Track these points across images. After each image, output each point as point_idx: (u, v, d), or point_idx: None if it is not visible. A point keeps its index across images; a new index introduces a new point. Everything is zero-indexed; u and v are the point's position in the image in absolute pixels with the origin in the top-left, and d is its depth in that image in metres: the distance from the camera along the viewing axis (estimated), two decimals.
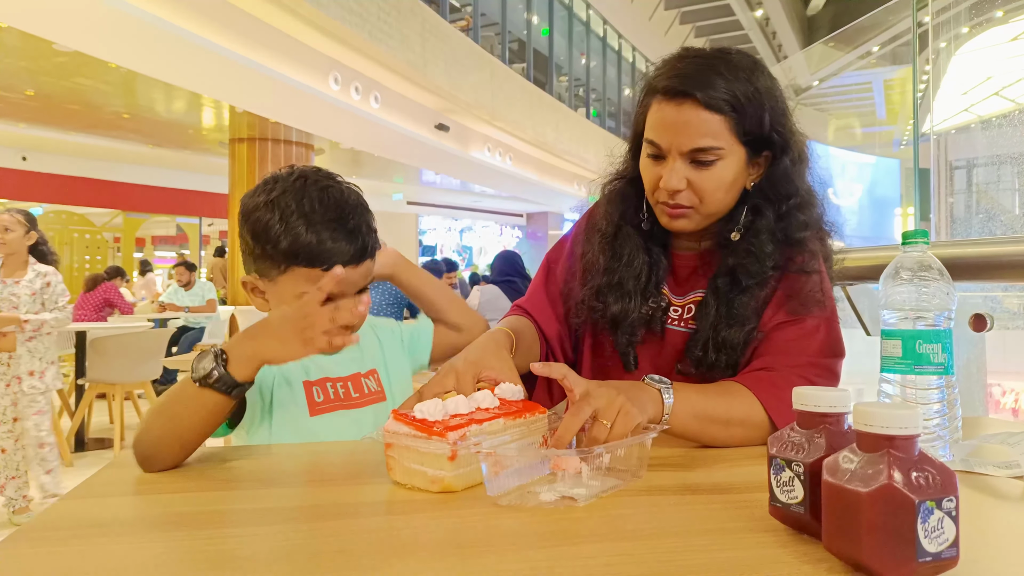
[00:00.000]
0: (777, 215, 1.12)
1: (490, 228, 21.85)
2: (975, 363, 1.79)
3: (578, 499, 0.74)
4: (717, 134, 1.04)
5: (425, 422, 0.79)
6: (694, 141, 1.04)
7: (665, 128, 1.07)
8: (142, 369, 4.91)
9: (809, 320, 1.09)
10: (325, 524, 0.68)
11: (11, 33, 6.39)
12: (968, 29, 10.10)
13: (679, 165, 1.07)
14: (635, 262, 1.19)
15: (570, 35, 18.03)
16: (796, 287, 1.10)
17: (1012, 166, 11.05)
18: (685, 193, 1.08)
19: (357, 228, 1.10)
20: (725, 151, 1.05)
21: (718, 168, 1.06)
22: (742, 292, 1.10)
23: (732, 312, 1.10)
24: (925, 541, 0.51)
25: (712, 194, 1.08)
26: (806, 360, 1.07)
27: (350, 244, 1.08)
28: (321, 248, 1.06)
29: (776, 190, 1.11)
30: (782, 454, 0.64)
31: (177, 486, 0.84)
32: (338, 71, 9.67)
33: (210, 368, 0.89)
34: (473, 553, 0.61)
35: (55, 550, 0.62)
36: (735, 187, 1.10)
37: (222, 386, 0.89)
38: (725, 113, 1.04)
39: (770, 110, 1.07)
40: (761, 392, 1.03)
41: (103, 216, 15.36)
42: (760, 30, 22.77)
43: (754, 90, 1.05)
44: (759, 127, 1.06)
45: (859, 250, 2.05)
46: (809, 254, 1.12)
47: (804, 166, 1.14)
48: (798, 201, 1.12)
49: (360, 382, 1.23)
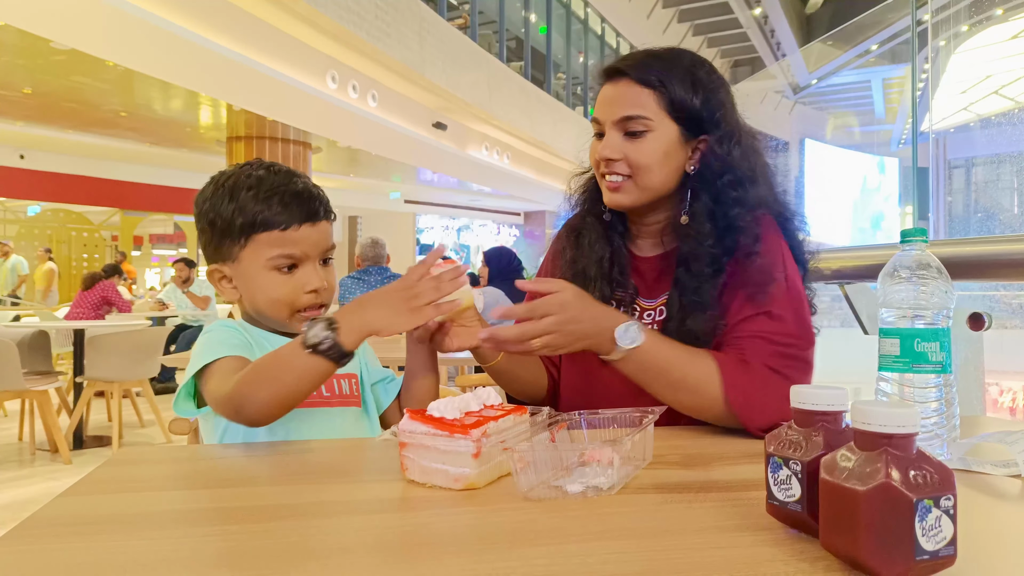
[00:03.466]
0: (714, 197, 1.16)
1: (487, 227, 21.85)
2: (973, 362, 1.79)
3: (604, 487, 0.75)
4: (645, 105, 1.14)
5: (444, 420, 0.79)
6: (624, 110, 1.15)
7: (602, 104, 1.18)
8: (140, 367, 4.91)
9: (775, 309, 1.10)
10: (333, 521, 0.68)
11: (8, 31, 6.37)
12: (967, 27, 10.11)
13: (612, 135, 1.16)
14: (596, 248, 1.25)
15: (568, 33, 18.02)
16: (747, 271, 1.12)
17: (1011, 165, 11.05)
18: (620, 163, 1.16)
19: (306, 189, 1.14)
20: (654, 122, 1.14)
21: (649, 140, 1.14)
22: (697, 278, 1.14)
23: (692, 300, 1.13)
24: (923, 539, 0.51)
25: (645, 165, 1.15)
26: (776, 351, 1.08)
27: (301, 204, 1.12)
28: (273, 211, 1.10)
29: (712, 171, 1.16)
30: (779, 452, 0.64)
31: (176, 483, 0.84)
32: (335, 69, 9.66)
33: (323, 336, 0.93)
34: (466, 550, 0.61)
35: (53, 547, 0.62)
36: (669, 163, 1.16)
37: (333, 354, 0.94)
38: (654, 87, 1.14)
39: (705, 94, 1.15)
40: (727, 371, 1.05)
41: (101, 214, 15.35)
42: (758, 28, 22.78)
43: (687, 73, 1.15)
44: (688, 105, 1.14)
45: (857, 249, 2.04)
46: (752, 237, 1.13)
47: (746, 152, 1.18)
48: (732, 180, 1.15)
49: (334, 383, 1.20)
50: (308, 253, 1.13)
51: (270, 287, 1.12)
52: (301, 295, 1.13)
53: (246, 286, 1.15)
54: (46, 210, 14.43)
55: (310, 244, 1.13)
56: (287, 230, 1.11)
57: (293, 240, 1.11)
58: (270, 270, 1.12)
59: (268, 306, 1.14)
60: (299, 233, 1.12)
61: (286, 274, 1.12)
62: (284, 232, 1.10)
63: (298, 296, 1.13)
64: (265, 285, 1.13)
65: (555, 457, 0.80)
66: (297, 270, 1.13)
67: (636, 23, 20.59)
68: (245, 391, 0.96)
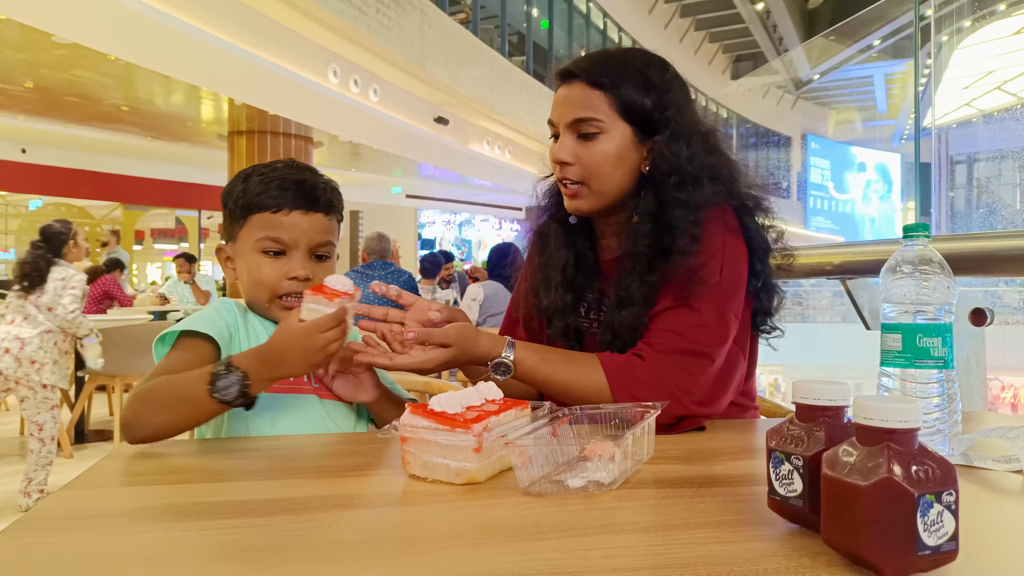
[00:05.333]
0: (659, 198, 1.14)
1: (489, 222, 21.83)
2: (975, 357, 1.79)
3: (605, 482, 0.75)
4: (597, 107, 1.14)
5: (445, 415, 0.79)
6: (576, 112, 1.15)
7: (556, 106, 1.19)
8: (142, 361, 4.91)
9: (694, 303, 1.09)
10: (334, 515, 0.68)
11: (10, 25, 6.37)
12: (970, 23, 10.08)
13: (566, 138, 1.17)
14: (559, 254, 1.26)
15: (570, 28, 17.97)
16: (678, 269, 1.10)
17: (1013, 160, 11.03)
18: (575, 168, 1.16)
19: (310, 181, 1.16)
20: (606, 124, 1.14)
21: (601, 141, 1.15)
22: (629, 275, 1.14)
23: (620, 296, 1.15)
24: (924, 534, 0.51)
25: (598, 168, 1.15)
26: (683, 346, 1.07)
27: (298, 191, 1.14)
28: (269, 194, 1.13)
29: (661, 172, 1.15)
30: (781, 447, 0.64)
31: (178, 477, 0.84)
32: (337, 64, 9.64)
33: (235, 394, 0.96)
34: (467, 544, 0.61)
35: (55, 540, 0.62)
36: (623, 164, 1.16)
37: (238, 404, 0.98)
38: (605, 90, 1.14)
39: (656, 94, 1.15)
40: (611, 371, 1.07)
41: (102, 209, 15.35)
42: (761, 23, 22.72)
43: (638, 74, 1.16)
44: (640, 107, 1.15)
45: (859, 244, 2.04)
46: (689, 237, 1.11)
47: (696, 152, 1.15)
48: (678, 181, 1.14)
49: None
50: (297, 240, 1.13)
51: (255, 268, 1.14)
52: (283, 281, 1.13)
53: (240, 267, 1.18)
54: (48, 204, 14.43)
55: (299, 232, 1.13)
56: (277, 213, 1.13)
57: (282, 224, 1.13)
58: (258, 252, 1.14)
59: (251, 287, 1.16)
60: (289, 218, 1.13)
61: (271, 258, 1.14)
62: (275, 215, 1.13)
63: (279, 281, 1.13)
64: (252, 266, 1.15)
65: (556, 452, 0.80)
66: (284, 256, 1.14)
67: (638, 18, 20.55)
68: (142, 411, 0.97)
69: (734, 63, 26.33)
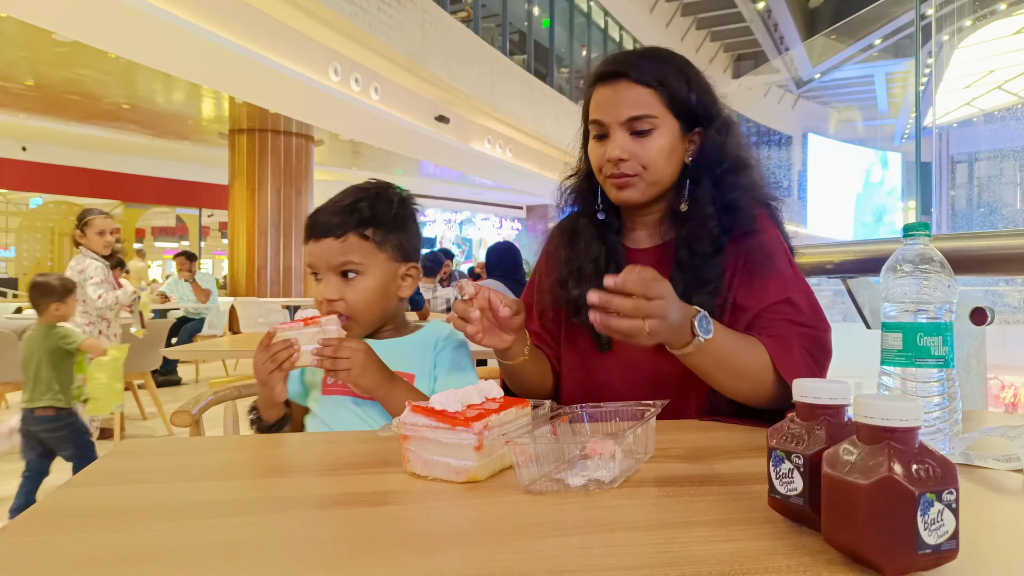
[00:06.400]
0: (713, 182, 1.22)
1: (490, 220, 21.83)
2: (975, 356, 1.79)
3: (605, 480, 0.75)
4: (649, 104, 1.19)
5: (446, 413, 0.79)
6: (630, 111, 1.19)
7: (604, 106, 1.21)
8: (142, 359, 4.92)
9: (793, 297, 1.15)
10: (335, 513, 0.68)
11: (10, 23, 6.37)
12: (971, 22, 10.08)
13: (620, 136, 1.20)
14: (591, 248, 1.29)
15: (571, 27, 17.96)
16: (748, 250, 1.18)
17: (1014, 160, 11.03)
18: (629, 163, 1.20)
19: (326, 208, 1.27)
20: (659, 120, 1.19)
21: (655, 137, 1.19)
22: (699, 257, 1.19)
23: (698, 277, 1.18)
24: (925, 533, 0.51)
25: (654, 161, 1.20)
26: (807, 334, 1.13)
27: (314, 223, 1.26)
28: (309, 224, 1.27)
29: (709, 159, 1.22)
30: (782, 446, 0.64)
31: (178, 475, 0.84)
32: (338, 62, 9.63)
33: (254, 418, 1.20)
34: (468, 543, 0.61)
35: (57, 537, 0.62)
36: (674, 156, 1.22)
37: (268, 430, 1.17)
38: (654, 87, 1.19)
39: (696, 89, 1.22)
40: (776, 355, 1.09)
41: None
42: (762, 22, 22.71)
43: (678, 72, 1.21)
44: (686, 101, 1.20)
45: (860, 243, 2.04)
46: (749, 217, 1.20)
47: (734, 139, 1.25)
48: (729, 166, 1.22)
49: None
50: (318, 266, 1.25)
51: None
52: (322, 303, 1.24)
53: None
54: (48, 202, 14.42)
55: (315, 257, 1.25)
56: (307, 243, 1.27)
57: (310, 253, 1.26)
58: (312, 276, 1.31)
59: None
60: (309, 247, 1.27)
61: (316, 281, 1.27)
62: (307, 245, 1.27)
63: (319, 304, 1.25)
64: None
65: (557, 450, 0.80)
66: (320, 281, 1.25)
67: (640, 17, 20.53)
68: None
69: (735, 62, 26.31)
